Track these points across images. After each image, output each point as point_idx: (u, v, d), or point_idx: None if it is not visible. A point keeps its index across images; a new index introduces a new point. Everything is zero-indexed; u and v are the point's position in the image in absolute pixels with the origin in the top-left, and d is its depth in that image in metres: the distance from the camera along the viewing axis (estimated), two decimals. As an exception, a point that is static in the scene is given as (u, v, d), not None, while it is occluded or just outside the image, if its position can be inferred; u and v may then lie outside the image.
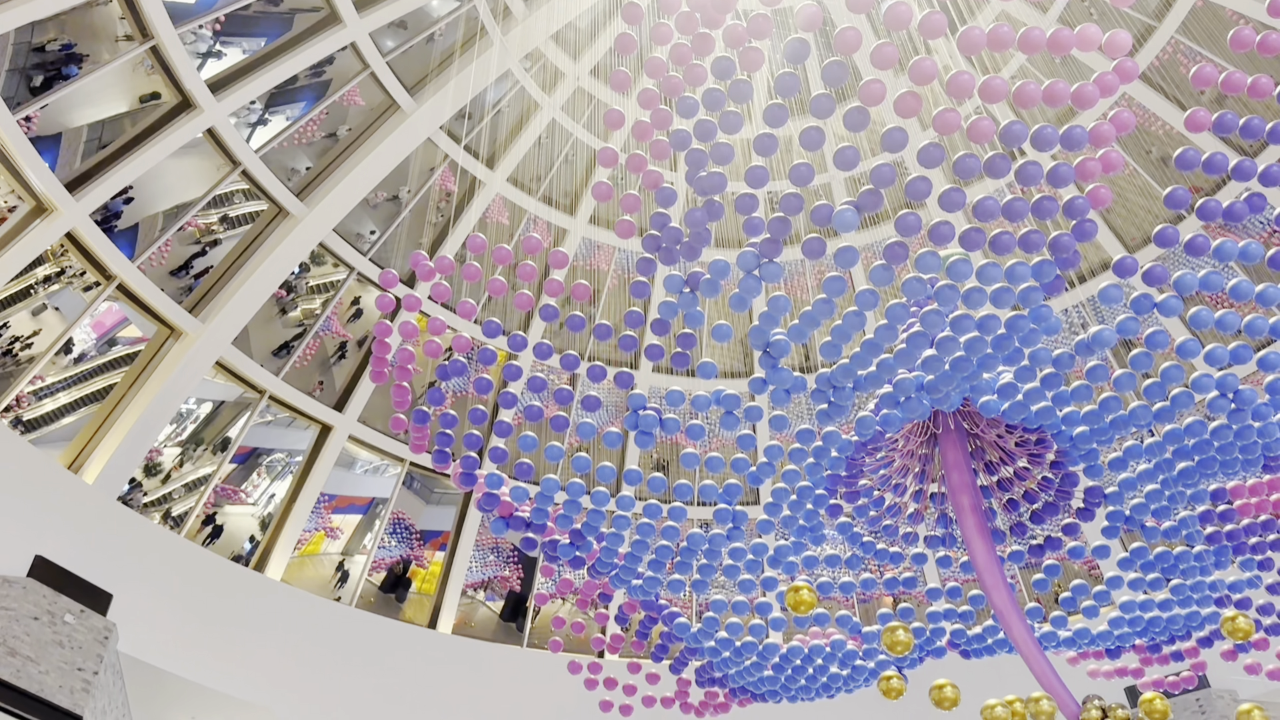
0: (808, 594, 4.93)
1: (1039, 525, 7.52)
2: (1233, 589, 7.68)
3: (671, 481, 7.37)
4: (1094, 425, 6.06)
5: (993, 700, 5.65)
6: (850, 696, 8.66)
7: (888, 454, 7.41)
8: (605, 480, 7.15)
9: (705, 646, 8.26)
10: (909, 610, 8.52)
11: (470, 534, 16.80)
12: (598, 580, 7.93)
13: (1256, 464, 6.60)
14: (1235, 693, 14.22)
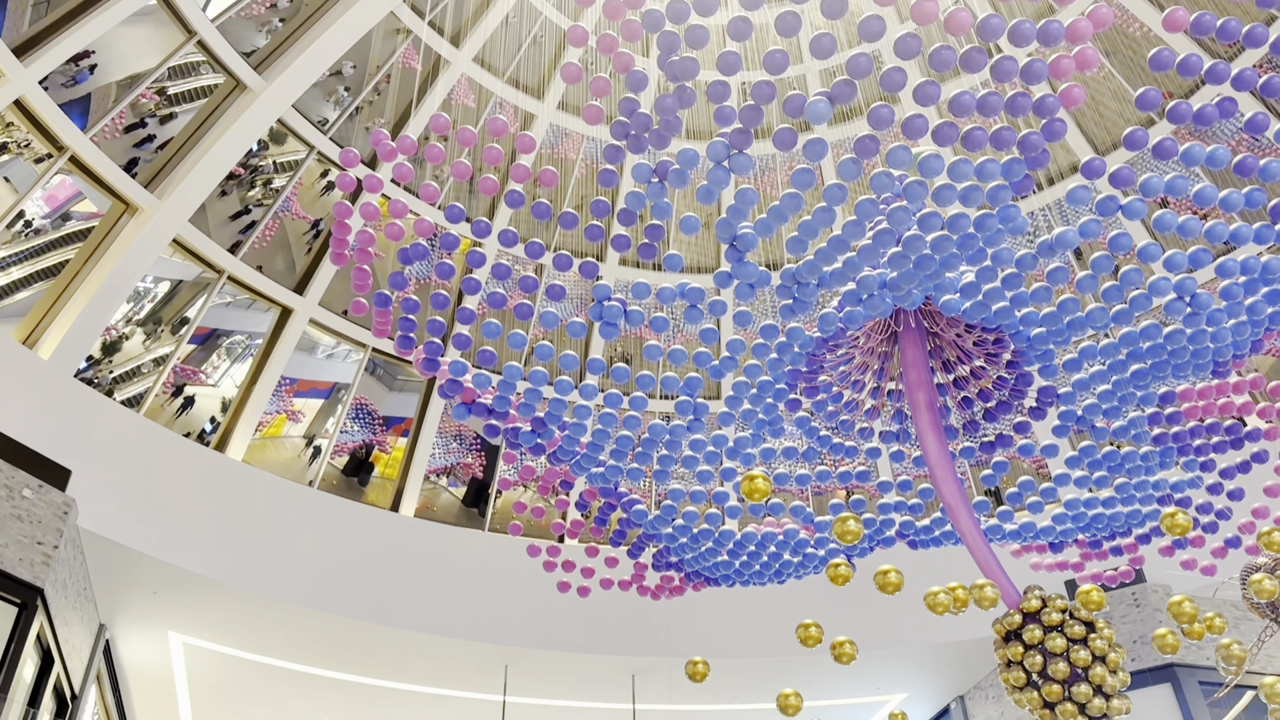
0: (762, 482, 5.03)
1: (991, 423, 7.68)
2: (1174, 489, 7.94)
3: (634, 373, 7.41)
4: (1051, 326, 6.14)
5: (936, 587, 5.86)
6: (800, 582, 8.96)
7: (849, 351, 7.48)
8: (568, 369, 7.17)
9: (663, 533, 8.45)
10: (861, 502, 8.74)
11: (433, 421, 16.89)
12: (559, 468, 8.03)
13: (1206, 368, 6.75)
14: (1169, 588, 14.88)
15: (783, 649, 13.60)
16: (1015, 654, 6.15)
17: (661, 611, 11.89)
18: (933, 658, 18.26)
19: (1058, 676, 5.98)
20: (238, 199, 13.17)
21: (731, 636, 16.44)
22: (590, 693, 18.38)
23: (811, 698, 17.96)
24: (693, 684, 7.38)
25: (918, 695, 19.80)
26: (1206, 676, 15.79)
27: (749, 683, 16.58)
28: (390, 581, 15.60)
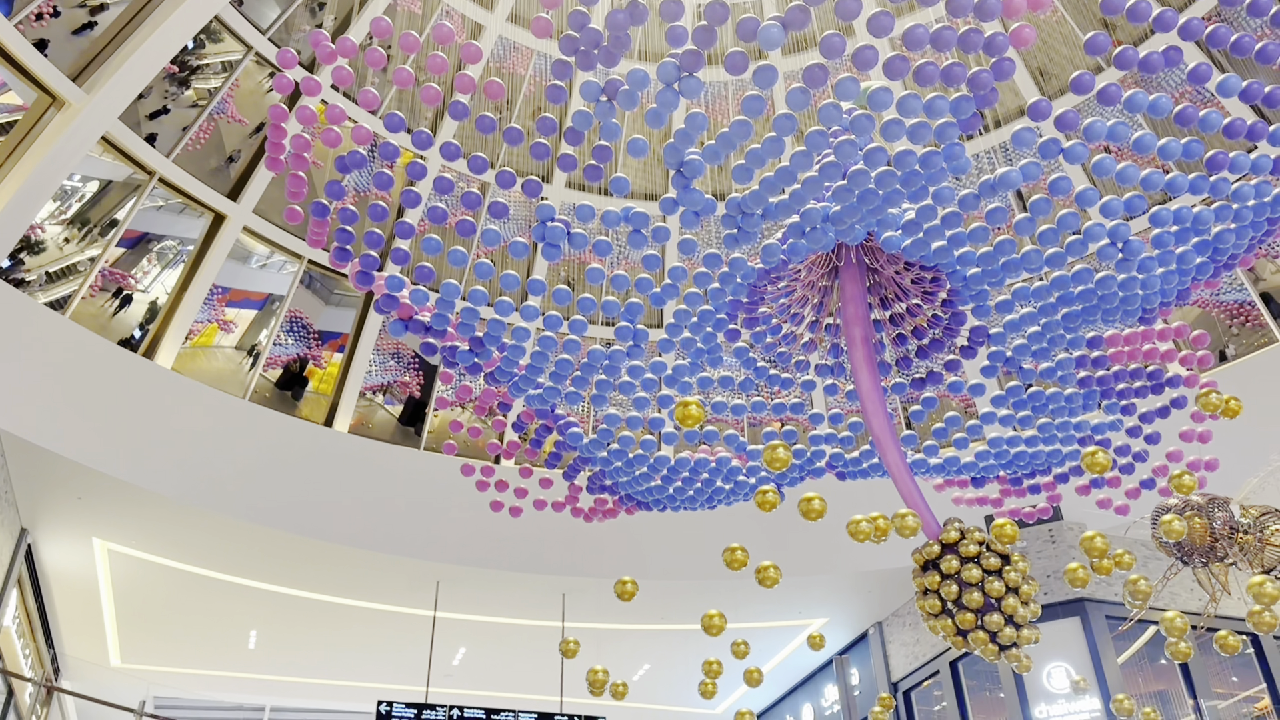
0: (695, 409, 5.06)
1: (923, 360, 7.82)
2: (1095, 430, 8.20)
3: (576, 296, 7.37)
4: (987, 267, 6.22)
5: (859, 516, 6.01)
6: (730, 508, 9.13)
7: (790, 283, 7.51)
8: (509, 290, 7.09)
9: (598, 456, 8.51)
10: (793, 433, 8.89)
11: (370, 337, 16.69)
12: (496, 388, 8.00)
13: (1134, 315, 6.92)
14: (1084, 525, 15.48)
15: (710, 573, 13.92)
16: (932, 583, 6.36)
17: (593, 533, 12.07)
18: (853, 585, 18.87)
19: (972, 605, 6.21)
20: (162, 96, 12.67)
21: (661, 559, 16.78)
22: (521, 610, 18.68)
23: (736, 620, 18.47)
24: (621, 603, 7.50)
25: (838, 621, 20.48)
26: (1113, 611, 16.57)
27: (676, 604, 17.00)
28: (322, 496, 15.55)
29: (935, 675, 19.19)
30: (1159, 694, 18.14)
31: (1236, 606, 7.09)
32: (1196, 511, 7.85)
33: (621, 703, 22.72)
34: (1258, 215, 5.96)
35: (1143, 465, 8.41)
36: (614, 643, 19.76)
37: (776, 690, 23.79)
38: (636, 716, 23.93)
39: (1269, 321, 16.55)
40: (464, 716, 17.33)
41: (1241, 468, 9.61)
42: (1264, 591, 5.13)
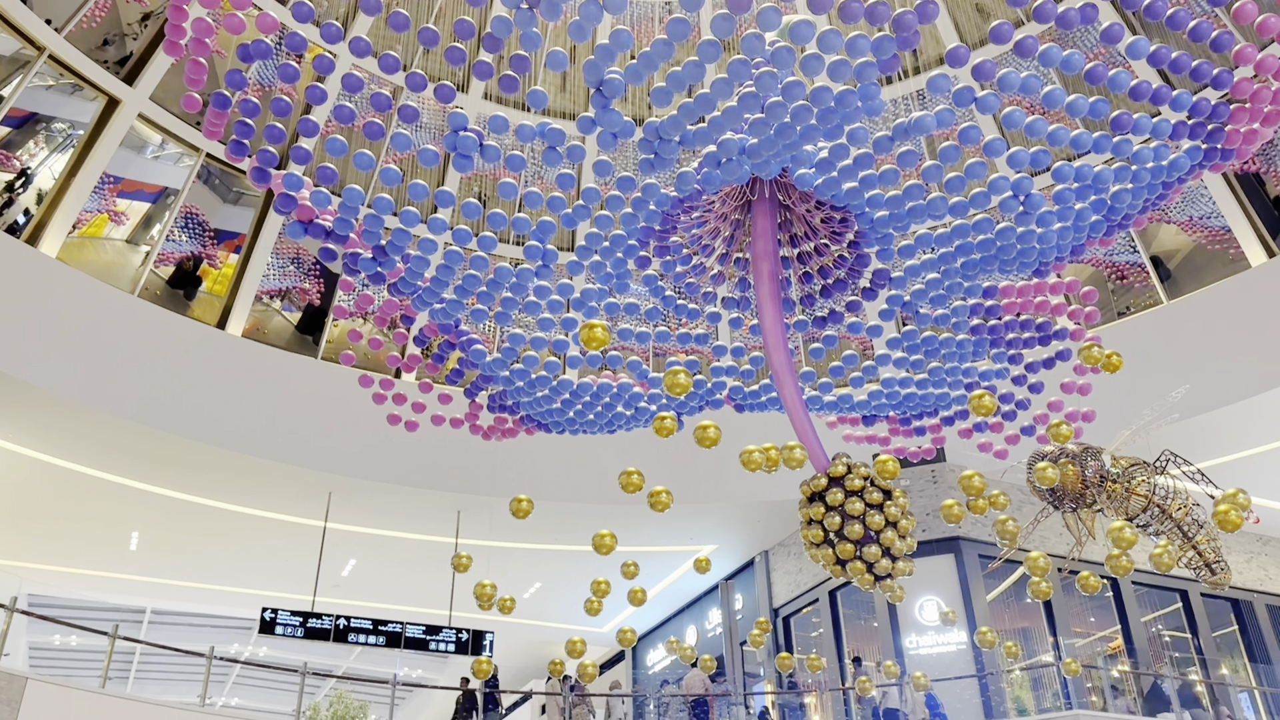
0: (601, 332, 5.06)
1: (827, 300, 7.94)
2: (983, 377, 8.50)
3: (486, 212, 7.22)
4: (894, 210, 6.32)
5: (752, 446, 6.14)
6: (628, 434, 9.22)
7: (702, 214, 7.50)
8: (417, 200, 6.90)
9: (500, 375, 8.46)
10: (695, 364, 8.97)
11: (269, 239, 16.15)
12: (399, 300, 7.84)
13: (1030, 267, 7.13)
14: (965, 467, 16.12)
15: (605, 496, 14.13)
16: (817, 514, 6.57)
17: (491, 452, 12.07)
18: (743, 514, 19.38)
19: (852, 537, 6.44)
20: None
21: (557, 480, 16.91)
22: (414, 525, 18.66)
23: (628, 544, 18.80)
24: (515, 522, 7.54)
25: (727, 548, 21.05)
26: (986, 551, 17.41)
27: (569, 525, 17.20)
28: (213, 400, 15.14)
29: (815, 603, 19.95)
30: (1023, 630, 19.24)
31: (1098, 551, 7.52)
32: (1070, 459, 8.26)
33: (510, 618, 23.06)
34: (1154, 178, 6.17)
35: (1025, 413, 8.76)
36: (507, 561, 19.95)
37: (663, 612, 24.46)
38: (525, 633, 24.34)
39: (1156, 284, 17.32)
40: (351, 626, 17.33)
41: (1116, 421, 10.13)
42: (1123, 537, 5.45)
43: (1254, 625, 20.24)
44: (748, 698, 18.17)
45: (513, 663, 25.69)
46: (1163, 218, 17.51)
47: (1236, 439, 16.85)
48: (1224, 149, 6.00)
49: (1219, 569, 8.77)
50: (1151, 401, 9.79)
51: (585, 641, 6.78)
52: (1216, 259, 16.92)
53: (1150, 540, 8.85)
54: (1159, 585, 19.82)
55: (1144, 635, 19.22)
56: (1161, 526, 8.87)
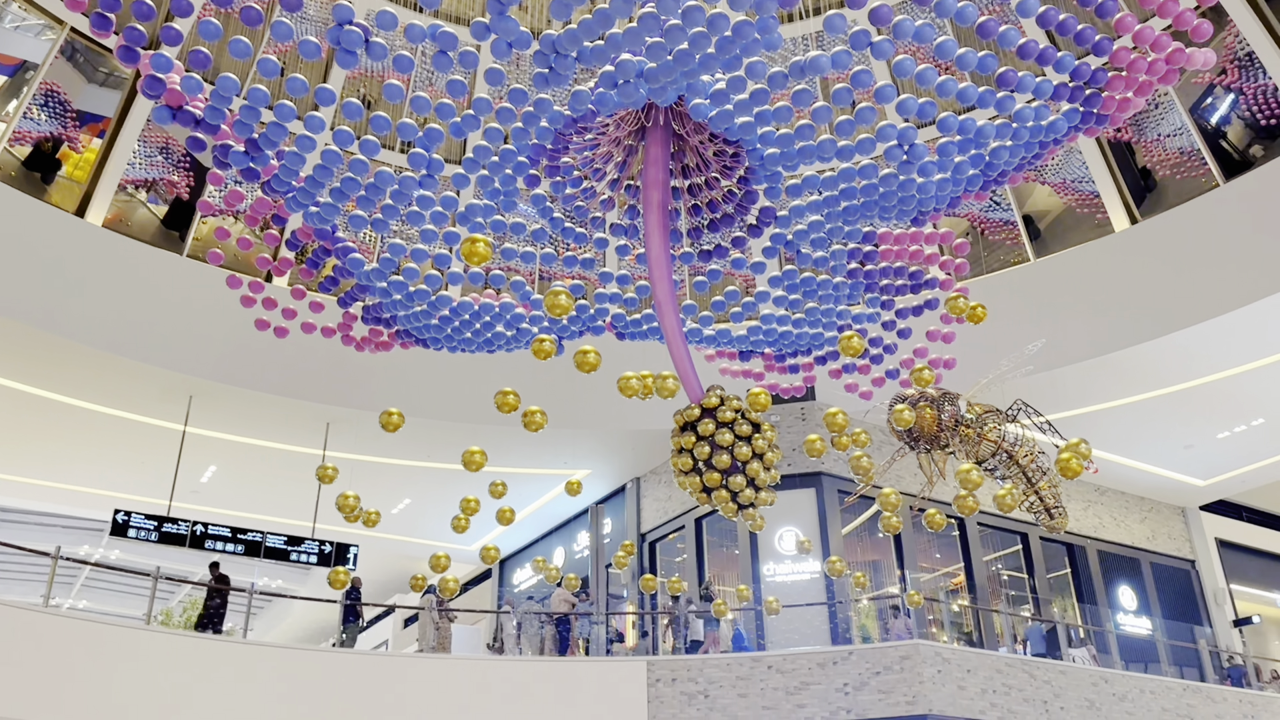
0: (483, 246, 4.96)
1: (714, 233, 7.99)
2: (856, 320, 8.74)
3: (369, 114, 6.94)
4: (784, 149, 6.36)
5: (630, 373, 6.18)
6: (507, 354, 9.15)
7: (595, 137, 7.40)
8: (295, 95, 6.57)
9: (377, 286, 8.24)
10: (580, 288, 8.93)
11: (136, 124, 15.21)
12: (272, 199, 7.51)
13: (908, 216, 7.32)
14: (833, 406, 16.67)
15: (480, 416, 14.03)
16: (687, 443, 6.69)
17: (364, 364, 11.80)
18: (618, 441, 19.62)
19: (719, 466, 6.61)
20: None
21: (432, 397, 16.73)
22: (280, 435, 18.22)
23: (502, 465, 18.84)
24: (386, 437, 7.43)
25: (600, 473, 21.32)
26: (846, 487, 18.12)
27: (442, 443, 17.09)
28: (69, 291, 14.34)
29: (681, 530, 20.48)
30: (873, 563, 20.23)
31: (948, 492, 7.91)
32: (929, 403, 8.63)
33: (377, 533, 22.87)
34: (1033, 137, 6.38)
35: (891, 357, 9.08)
36: (376, 476, 19.73)
37: (533, 533, 24.70)
38: (392, 548, 24.24)
39: (1025, 242, 18.06)
40: (208, 533, 16.91)
41: (976, 369, 10.60)
42: (970, 479, 5.74)
43: (1085, 569, 21.78)
44: (610, 617, 18.62)
45: (379, 577, 25.60)
46: (1038, 178, 18.19)
47: (1085, 394, 17.91)
48: (1099, 114, 6.24)
49: (1058, 514, 9.37)
50: (1009, 354, 10.28)
51: (449, 557, 6.79)
52: (1084, 222, 17.72)
53: (997, 484, 9.38)
54: (1001, 528, 21.07)
55: (985, 573, 20.46)
56: (1008, 471, 9.40)
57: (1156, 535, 23.18)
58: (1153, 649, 20.58)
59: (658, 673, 16.03)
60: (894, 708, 14.68)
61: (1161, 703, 17.72)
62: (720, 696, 15.55)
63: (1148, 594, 22.43)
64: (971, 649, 16.29)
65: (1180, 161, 17.00)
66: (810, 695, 15.14)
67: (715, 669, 15.88)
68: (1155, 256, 16.35)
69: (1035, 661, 16.83)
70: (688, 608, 17.34)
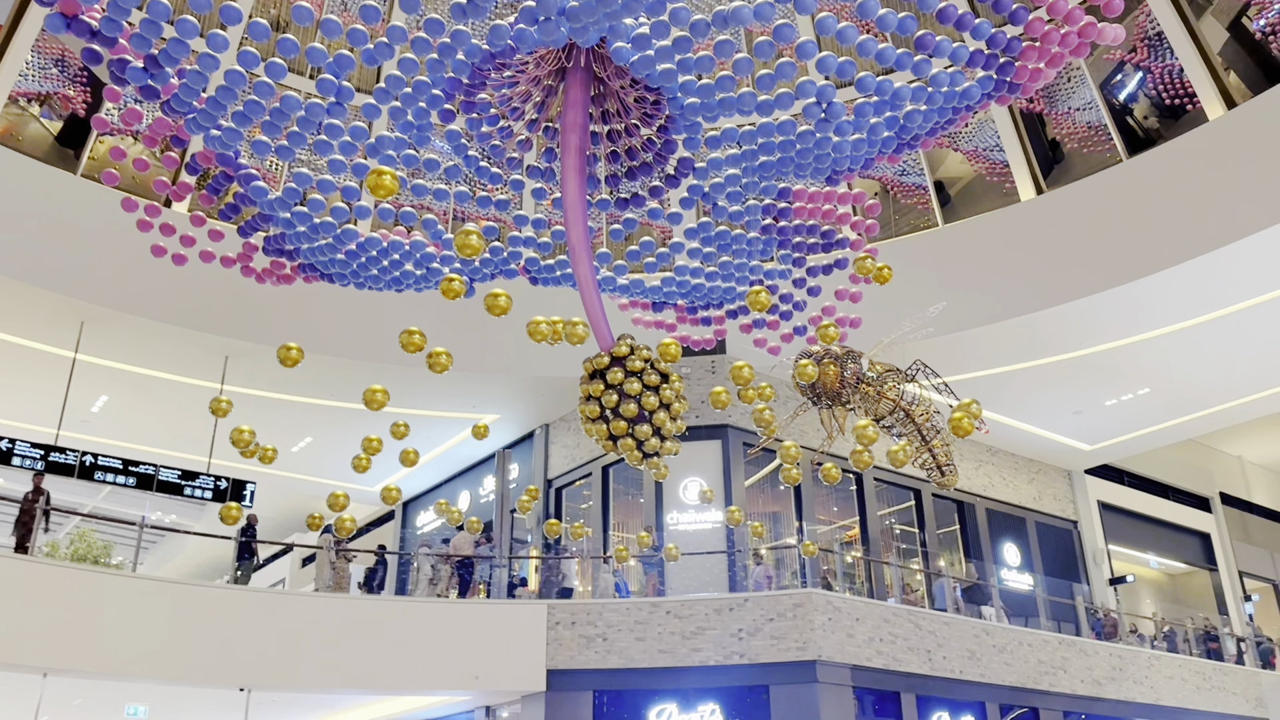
0: (390, 180, 4.83)
1: (632, 182, 7.94)
2: (767, 275, 8.81)
3: (276, 35, 6.65)
4: (705, 100, 6.32)
5: (540, 317, 6.14)
6: (416, 294, 8.98)
7: (514, 74, 7.24)
8: (199, 11, 6.24)
9: (280, 216, 7.97)
10: (494, 229, 8.80)
11: (29, 34, 14.38)
12: (172, 120, 7.17)
13: (823, 174, 7.37)
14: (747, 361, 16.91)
15: (385, 356, 13.80)
16: (596, 390, 6.69)
17: (265, 297, 11.45)
18: (528, 387, 19.57)
19: (626, 415, 6.63)
20: None
21: (335, 334, 16.39)
22: (177, 366, 17.66)
23: (408, 406, 18.63)
24: (288, 374, 7.24)
25: (509, 419, 21.26)
26: (751, 439, 18.46)
27: (346, 381, 16.78)
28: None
29: (588, 477, 20.61)
30: (774, 514, 20.72)
31: (846, 447, 8.10)
32: (833, 360, 8.80)
33: (276, 470, 22.45)
34: (947, 102, 6.46)
35: (800, 314, 9.20)
36: (277, 412, 19.32)
37: (438, 476, 24.57)
38: (292, 486, 23.84)
39: (935, 208, 18.43)
40: (98, 464, 16.36)
41: (880, 329, 10.83)
42: (866, 434, 5.89)
43: (973, 525, 22.69)
44: (513, 561, 18.71)
45: (278, 515, 25.20)
46: (951, 145, 18.54)
47: (982, 358, 18.51)
48: (1012, 83, 6.35)
49: (949, 471, 9.71)
50: (912, 315, 10.54)
51: (347, 496, 6.69)
52: (993, 190, 18.16)
53: (893, 440, 9.65)
54: (897, 484, 21.77)
55: (878, 527, 21.14)
56: (904, 429, 9.68)
57: (1042, 496, 24.27)
58: (1033, 604, 21.63)
59: (558, 616, 16.21)
60: (785, 653, 15.16)
61: (1038, 655, 18.69)
62: (618, 640, 15.82)
63: (1031, 551, 23.52)
64: (861, 599, 16.87)
65: (1088, 135, 17.50)
66: (705, 640, 15.52)
67: (615, 613, 16.13)
68: (1057, 228, 16.89)
69: (920, 612, 17.54)
70: (563, 555, 17.63)
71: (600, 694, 15.91)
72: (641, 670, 15.60)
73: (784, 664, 15.11)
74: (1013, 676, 17.86)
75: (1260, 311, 17.05)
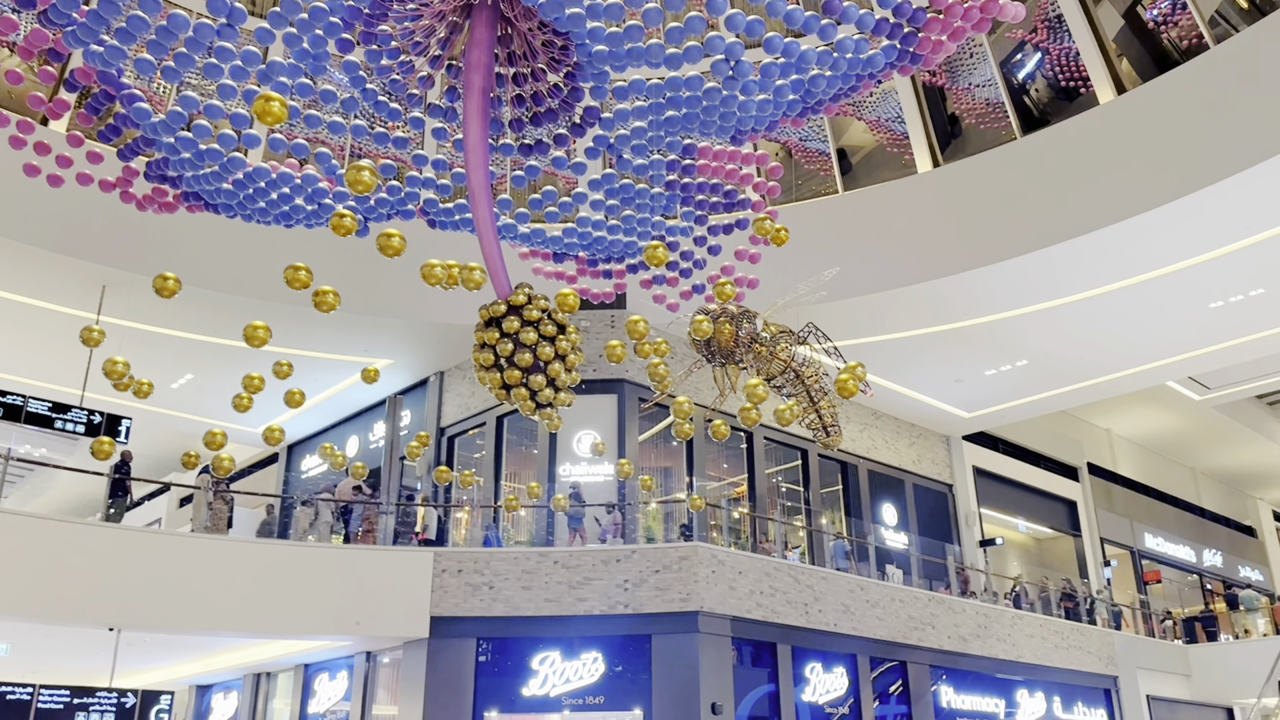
0: (278, 107, 4.63)
1: (536, 128, 7.81)
2: (669, 232, 8.83)
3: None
4: (613, 48, 6.25)
5: (435, 260, 6.03)
6: (308, 231, 8.71)
7: (418, 7, 7.03)
8: (80, -85, 5.85)
9: (164, 141, 7.59)
10: (392, 168, 8.57)
11: (-114, -76, 13.17)
12: (50, 32, 6.72)
13: (728, 133, 7.39)
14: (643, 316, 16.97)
15: (274, 294, 13.35)
16: (491, 338, 6.62)
17: (147, 225, 10.96)
18: (423, 333, 19.26)
19: (521, 364, 6.59)
20: None
21: (221, 267, 15.80)
22: (48, 293, 16.79)
23: (296, 346, 18.12)
24: (169, 306, 6.95)
25: (402, 364, 20.91)
26: (646, 395, 18.59)
27: (229, 317, 16.16)
28: None
29: (482, 426, 20.48)
30: (665, 470, 21.00)
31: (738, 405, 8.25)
32: (729, 319, 8.91)
33: (155, 407, 21.64)
34: (851, 69, 6.54)
35: (700, 272, 9.26)
36: (156, 346, 18.57)
37: (327, 420, 24.05)
38: (171, 424, 23.03)
39: (836, 175, 18.71)
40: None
41: (777, 291, 11.00)
42: (756, 393, 5.99)
43: (855, 486, 23.43)
44: (401, 509, 18.50)
45: (156, 453, 24.33)
46: (855, 114, 18.80)
47: (872, 324, 19.00)
48: (915, 54, 6.46)
49: (834, 432, 9.99)
50: (808, 279, 10.72)
51: (225, 435, 6.49)
52: (893, 161, 18.53)
53: (782, 400, 9.86)
54: (785, 444, 22.29)
55: (766, 485, 21.64)
56: (794, 390, 9.89)
57: (921, 459, 25.19)
58: (907, 561, 22.54)
59: (444, 563, 16.15)
60: (669, 604, 15.47)
61: (909, 610, 19.51)
62: (505, 588, 15.88)
63: (908, 512, 24.44)
64: (744, 553, 17.30)
65: (986, 112, 17.97)
66: (592, 590, 15.70)
67: (502, 562, 16.17)
68: (950, 201, 17.36)
69: (800, 567, 18.09)
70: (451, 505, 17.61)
71: (484, 641, 15.98)
72: (526, 619, 15.71)
73: (667, 614, 15.42)
74: (884, 631, 18.62)
75: (1134, 292, 17.93)
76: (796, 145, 19.13)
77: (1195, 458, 34.42)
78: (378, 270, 11.59)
